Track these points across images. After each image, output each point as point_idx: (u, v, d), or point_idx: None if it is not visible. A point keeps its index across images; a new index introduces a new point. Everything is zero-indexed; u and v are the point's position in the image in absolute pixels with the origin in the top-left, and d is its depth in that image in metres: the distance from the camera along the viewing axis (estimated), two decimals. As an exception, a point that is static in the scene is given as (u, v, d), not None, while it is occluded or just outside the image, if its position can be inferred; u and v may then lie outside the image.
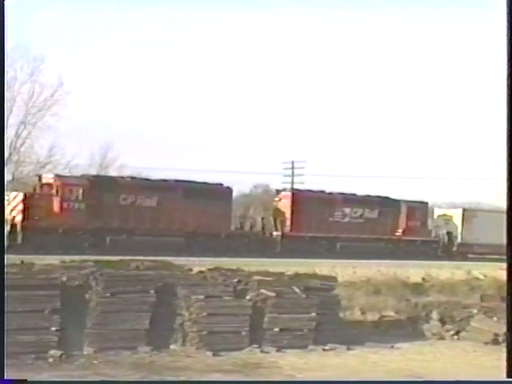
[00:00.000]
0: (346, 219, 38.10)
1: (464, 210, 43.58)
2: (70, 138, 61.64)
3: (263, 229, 35.89)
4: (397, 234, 39.38)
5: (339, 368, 15.47)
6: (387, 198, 40.33)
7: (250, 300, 17.37)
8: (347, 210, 38.14)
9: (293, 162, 55.98)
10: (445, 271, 28.46)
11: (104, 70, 68.63)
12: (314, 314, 17.64)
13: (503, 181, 11.64)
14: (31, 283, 15.65)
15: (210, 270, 18.67)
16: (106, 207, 31.13)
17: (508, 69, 11.24)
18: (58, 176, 32.53)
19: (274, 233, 35.95)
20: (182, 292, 16.92)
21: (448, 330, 20.06)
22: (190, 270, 18.59)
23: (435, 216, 43.31)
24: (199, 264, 20.92)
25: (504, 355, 12.10)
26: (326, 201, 37.72)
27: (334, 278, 19.77)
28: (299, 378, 14.50)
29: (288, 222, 36.48)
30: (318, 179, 72.80)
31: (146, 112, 71.63)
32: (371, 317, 21.61)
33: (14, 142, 42.64)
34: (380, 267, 27.50)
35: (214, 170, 75.91)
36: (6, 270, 12.45)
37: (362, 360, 16.42)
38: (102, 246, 29.76)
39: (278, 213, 36.87)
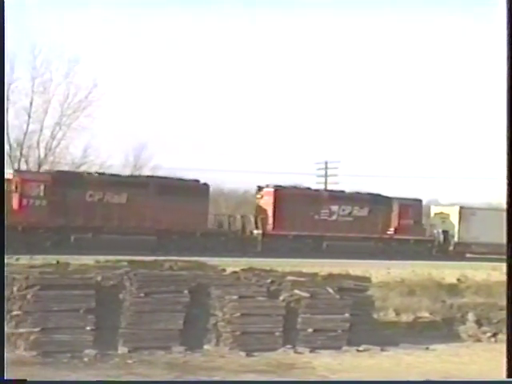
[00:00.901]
0: (334, 217, 36.73)
1: (461, 207, 41.91)
2: (104, 139, 62.35)
3: (243, 227, 34.49)
4: (388, 232, 37.90)
5: (373, 369, 15.37)
6: (378, 195, 38.82)
7: (283, 300, 17.34)
8: (335, 208, 36.79)
9: (326, 163, 55.81)
10: (481, 272, 28.10)
11: (138, 71, 69.11)
12: (347, 315, 17.56)
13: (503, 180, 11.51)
14: (66, 283, 15.79)
15: (243, 270, 18.67)
16: (71, 204, 29.85)
17: (508, 68, 11.14)
18: (17, 171, 32.08)
19: (255, 231, 34.52)
20: (215, 292, 16.95)
21: (485, 332, 19.82)
22: (224, 270, 18.61)
23: (432, 214, 41.86)
24: (233, 264, 20.93)
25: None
26: (311, 198, 36.32)
27: (367, 279, 19.64)
28: (333, 378, 14.43)
29: (270, 220, 35.05)
30: (351, 180, 72.61)
31: (181, 113, 71.98)
32: (405, 318, 21.43)
33: (49, 143, 43.15)
34: (415, 268, 27.27)
35: (247, 170, 76.06)
36: (5, 269, 12.36)
37: (397, 361, 16.29)
38: (66, 244, 28.68)
39: (260, 210, 35.44)
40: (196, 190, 33.02)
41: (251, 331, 16.71)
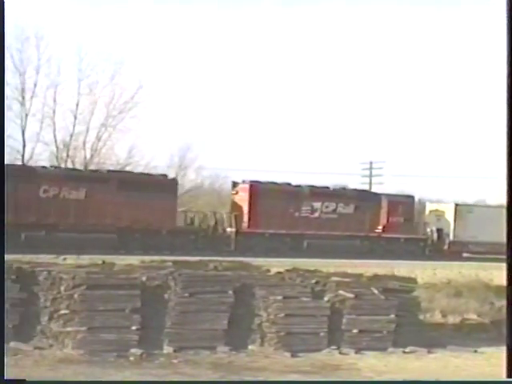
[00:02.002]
0: (316, 214, 34.51)
1: (456, 204, 39.63)
2: (149, 140, 62.85)
3: (216, 225, 32.47)
4: (377, 231, 35.76)
5: (420, 371, 15.18)
6: (365, 191, 37.49)
7: (328, 301, 17.26)
8: (317, 205, 34.56)
9: (371, 163, 55.41)
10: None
11: (184, 72, 69.51)
12: (393, 316, 17.39)
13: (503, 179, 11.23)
14: (112, 283, 15.92)
15: (287, 270, 18.62)
16: (22, 200, 27.45)
17: (508, 68, 10.96)
18: None
19: (228, 229, 32.43)
20: (260, 293, 16.94)
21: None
22: (268, 270, 18.58)
23: (427, 212, 39.56)
24: (277, 265, 20.89)
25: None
26: (291, 194, 34.13)
27: (413, 280, 19.43)
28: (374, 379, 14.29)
29: (245, 218, 32.87)
30: (396, 180, 71.94)
31: (226, 113, 72.19)
32: (452, 319, 21.15)
33: (95, 144, 43.61)
34: (461, 269, 26.90)
35: (291, 171, 75.90)
36: (5, 269, 12.31)
37: (444, 364, 16.06)
38: (16, 243, 26.10)
39: (235, 207, 33.41)
40: (163, 185, 30.99)
41: (296, 332, 16.65)
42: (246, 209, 33.06)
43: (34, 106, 41.91)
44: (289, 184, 35.19)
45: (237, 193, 33.97)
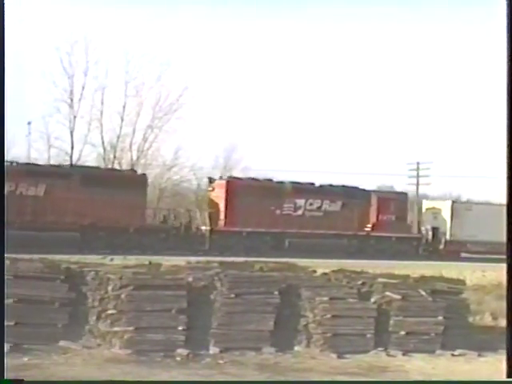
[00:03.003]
0: (299, 212, 33.05)
1: (453, 201, 38.21)
2: (195, 141, 63.19)
3: (189, 223, 31.41)
4: (366, 229, 34.27)
5: (471, 375, 14.92)
6: (354, 187, 35.24)
7: (374, 302, 17.11)
8: (300, 202, 33.11)
9: (418, 163, 54.78)
10: None
11: (229, 73, 69.71)
12: (441, 318, 17.16)
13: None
14: (159, 283, 16.02)
15: (334, 271, 18.53)
16: None
17: (508, 68, 10.77)
18: None
19: (203, 227, 31.29)
20: (305, 293, 16.88)
21: None
22: (314, 271, 18.52)
23: (423, 210, 38.09)
24: (323, 266, 20.81)
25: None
26: (272, 191, 32.62)
27: (461, 281, 19.15)
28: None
29: (222, 215, 31.55)
30: (444, 181, 71.10)
31: (271, 114, 72.19)
32: (503, 323, 20.73)
33: (141, 145, 44.04)
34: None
35: (338, 171, 75.55)
36: (5, 270, 12.26)
37: (496, 367, 15.71)
38: None
39: (211, 204, 32.25)
40: (131, 181, 29.76)
41: (342, 333, 16.55)
42: (222, 206, 31.66)
43: (82, 108, 42.52)
44: (270, 180, 34.00)
45: (213, 189, 32.63)
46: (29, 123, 41.85)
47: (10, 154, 41.23)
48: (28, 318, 15.09)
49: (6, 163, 30.58)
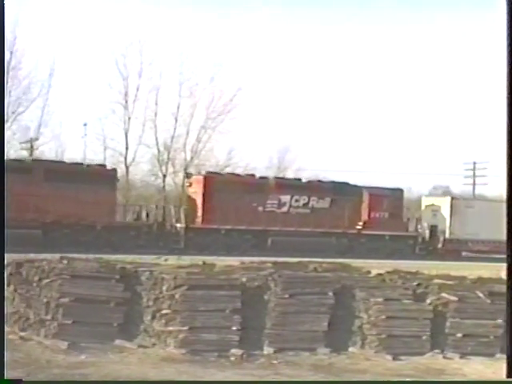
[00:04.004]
0: (284, 209, 31.26)
1: (453, 198, 35.82)
2: (248, 142, 63.33)
3: (164, 220, 30.00)
4: (357, 227, 32.33)
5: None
6: (344, 183, 33.52)
7: (430, 304, 16.88)
8: (285, 198, 31.22)
9: (474, 163, 53.91)
10: None
11: (282, 73, 69.66)
12: (500, 321, 16.80)
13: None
14: (213, 283, 16.07)
15: (388, 272, 18.35)
16: None
17: (508, 68, 10.49)
18: None
19: (178, 225, 29.75)
20: (360, 294, 16.74)
21: None
22: (369, 272, 18.36)
23: (422, 207, 35.89)
24: (377, 266, 20.62)
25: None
26: (254, 186, 30.92)
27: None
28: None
29: (199, 212, 29.97)
30: (501, 181, 69.56)
31: (325, 114, 71.94)
32: None
33: (195, 146, 44.25)
34: None
35: (393, 172, 74.79)
36: (5, 269, 12.16)
37: None
38: None
39: (188, 201, 30.91)
40: (99, 177, 28.19)
41: (397, 334, 16.36)
42: (199, 202, 30.17)
43: (136, 109, 42.96)
44: (252, 175, 32.68)
45: (190, 185, 31.30)
46: (85, 125, 42.46)
47: (67, 155, 42.01)
48: (85, 317, 15.30)
49: None
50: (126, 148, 42.83)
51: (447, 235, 34.56)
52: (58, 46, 61.33)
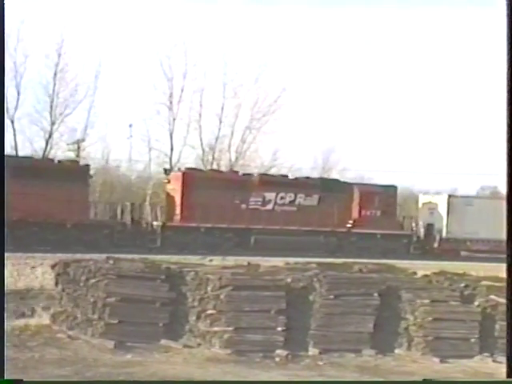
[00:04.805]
0: (268, 206, 30.02)
1: (450, 196, 34.25)
2: (293, 142, 63.26)
3: (140, 218, 28.94)
4: (347, 225, 31.10)
5: None
6: (333, 180, 32.75)
7: (478, 306, 16.62)
8: (270, 196, 30.01)
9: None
10: None
11: (326, 74, 69.42)
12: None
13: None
14: (258, 284, 16.05)
15: (435, 273, 18.13)
16: None
17: (508, 68, 10.29)
18: None
19: (155, 223, 28.73)
20: (406, 296, 16.57)
21: None
22: (414, 273, 18.17)
23: (420, 205, 34.62)
24: (423, 268, 20.41)
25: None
26: (236, 183, 29.76)
27: None
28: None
29: (178, 210, 28.89)
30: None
31: (371, 115, 71.44)
32: None
33: (239, 146, 44.31)
34: None
35: (440, 172, 73.90)
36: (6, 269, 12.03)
37: None
38: None
39: (167, 198, 29.70)
40: (70, 173, 27.08)
41: (445, 336, 16.15)
42: (178, 200, 29.04)
43: (181, 110, 43.18)
44: (235, 172, 31.67)
45: (169, 182, 30.01)
46: (130, 126, 42.83)
47: (112, 156, 42.50)
48: (131, 317, 15.43)
49: None
50: (171, 149, 43.08)
51: (444, 234, 33.27)
52: (104, 47, 62.03)
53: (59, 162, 28.17)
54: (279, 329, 15.62)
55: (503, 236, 13.49)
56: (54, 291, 17.21)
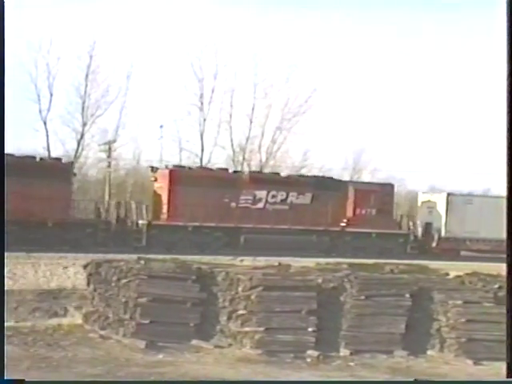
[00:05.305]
0: (259, 205, 29.44)
1: (449, 194, 33.41)
2: (324, 143, 63.11)
3: (126, 216, 28.37)
4: (341, 224, 30.55)
5: None
6: (327, 178, 32.08)
7: (512, 307, 16.40)
8: (261, 194, 29.43)
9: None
10: None
11: (357, 74, 69.19)
12: None
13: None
14: (288, 284, 16.01)
15: (467, 274, 17.94)
16: None
17: (508, 68, 10.14)
18: None
19: (140, 221, 28.18)
20: (438, 297, 16.42)
21: None
22: (447, 274, 18.00)
23: (419, 203, 34.03)
24: (455, 269, 20.20)
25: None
26: (226, 181, 29.19)
27: None
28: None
29: (164, 208, 28.41)
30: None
31: (401, 115, 71.00)
32: None
33: (270, 147, 44.37)
34: None
35: (478, 172, 73.15)
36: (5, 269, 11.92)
37: None
38: None
39: (154, 196, 29.21)
40: (53, 171, 26.54)
41: (478, 338, 15.97)
42: (164, 198, 28.58)
43: (211, 110, 43.33)
44: (225, 170, 31.29)
45: (155, 180, 29.49)
46: (161, 127, 43.11)
47: (143, 157, 42.75)
48: (162, 317, 15.48)
49: None
50: (202, 150, 43.26)
51: (443, 233, 32.69)
52: (135, 49, 62.47)
53: (41, 159, 27.73)
54: (310, 329, 15.56)
55: (504, 235, 13.12)
56: (85, 291, 17.34)
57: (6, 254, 11.14)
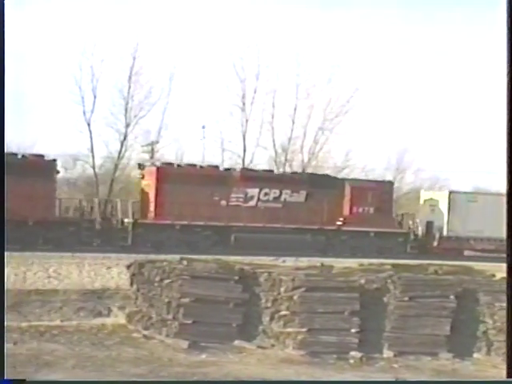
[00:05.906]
0: (251, 203, 28.68)
1: (451, 192, 32.22)
2: (366, 143, 62.71)
3: (112, 214, 27.74)
4: (338, 223, 29.70)
5: None
6: (322, 175, 31.36)
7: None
8: (253, 192, 28.69)
9: None
10: None
11: (400, 74, 68.61)
12: None
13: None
14: (331, 285, 15.93)
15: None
16: None
17: (508, 68, 9.88)
18: None
19: (126, 220, 27.48)
20: (484, 298, 16.17)
21: None
22: (493, 275, 17.70)
23: (421, 201, 32.84)
24: (502, 270, 19.84)
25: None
26: (216, 179, 28.40)
27: None
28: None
29: (152, 206, 27.69)
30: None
31: (446, 115, 70.20)
32: None
33: (312, 147, 44.16)
34: None
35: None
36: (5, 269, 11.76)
37: None
38: None
39: (141, 194, 28.58)
40: (35, 168, 25.80)
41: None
42: (152, 196, 27.86)
43: (253, 111, 43.31)
44: (215, 167, 30.22)
45: (143, 177, 28.80)
46: (203, 127, 43.23)
47: (186, 158, 42.93)
48: (204, 317, 15.52)
49: None
50: (244, 150, 43.26)
51: (445, 232, 31.58)
52: (178, 50, 62.83)
53: (23, 156, 26.96)
54: (353, 330, 15.46)
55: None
56: (129, 291, 17.48)
57: (5, 253, 11.09)
